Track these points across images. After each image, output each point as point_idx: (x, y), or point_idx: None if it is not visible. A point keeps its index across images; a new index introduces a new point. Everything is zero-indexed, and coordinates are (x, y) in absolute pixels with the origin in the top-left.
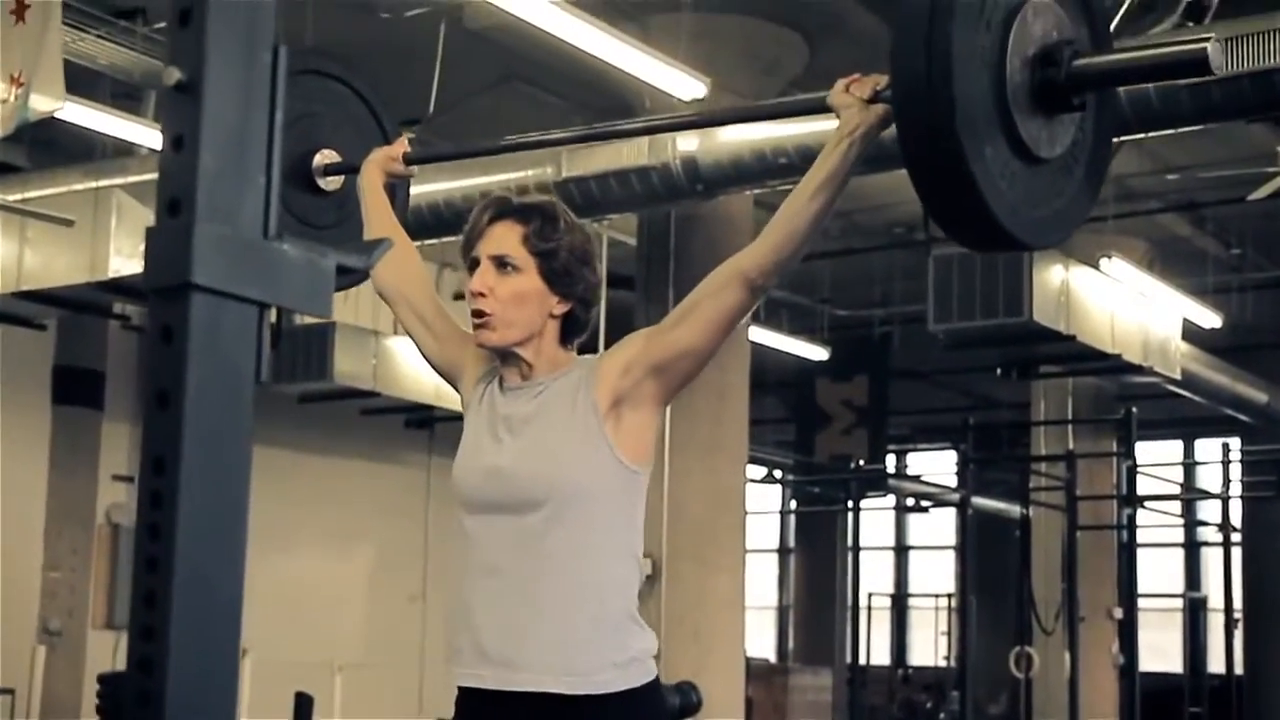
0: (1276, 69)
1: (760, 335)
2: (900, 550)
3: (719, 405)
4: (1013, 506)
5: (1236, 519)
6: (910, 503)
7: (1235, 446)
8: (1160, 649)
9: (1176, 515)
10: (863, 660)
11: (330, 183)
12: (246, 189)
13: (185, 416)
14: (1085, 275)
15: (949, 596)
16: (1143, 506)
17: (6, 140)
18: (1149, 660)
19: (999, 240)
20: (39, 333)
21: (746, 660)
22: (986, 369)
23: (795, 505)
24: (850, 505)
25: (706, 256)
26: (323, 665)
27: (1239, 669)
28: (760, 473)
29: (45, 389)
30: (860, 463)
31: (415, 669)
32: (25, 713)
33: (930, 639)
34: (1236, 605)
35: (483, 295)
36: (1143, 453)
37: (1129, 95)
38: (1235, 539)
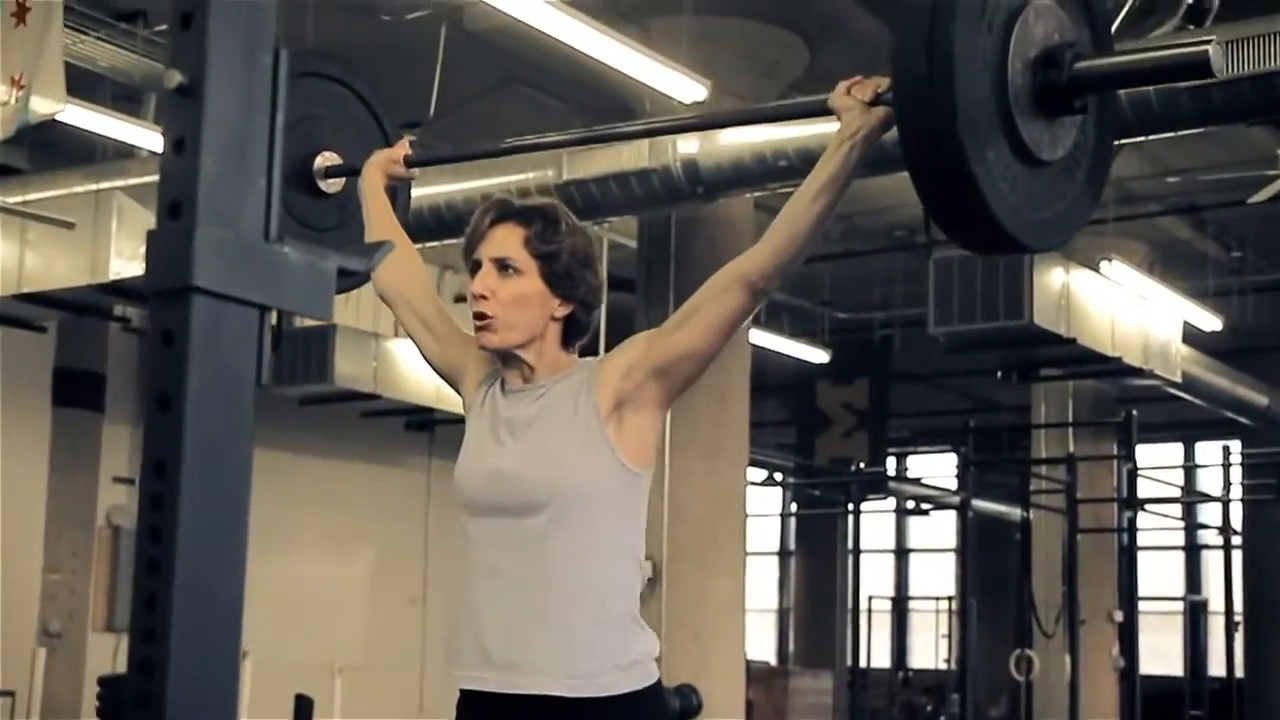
0: (1277, 72)
1: (761, 338)
2: (901, 553)
3: (719, 408)
4: (1013, 509)
5: (1237, 522)
6: (911, 505)
7: (1236, 449)
8: (1161, 652)
9: (1177, 518)
10: (863, 663)
11: (331, 185)
12: (247, 192)
13: (186, 419)
14: (1086, 278)
15: (949, 599)
16: (1143, 509)
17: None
18: (1149, 663)
19: (1000, 243)
20: (39, 335)
21: (747, 663)
22: (987, 372)
23: (796, 508)
24: (851, 508)
25: (707, 259)
26: (323, 667)
27: (1239, 672)
28: (761, 475)
29: (46, 391)
30: (861, 465)
31: (415, 671)
32: (25, 715)
33: (931, 642)
34: (1237, 608)
35: (484, 298)
36: (1143, 455)
37: (1130, 98)
38: (1236, 542)
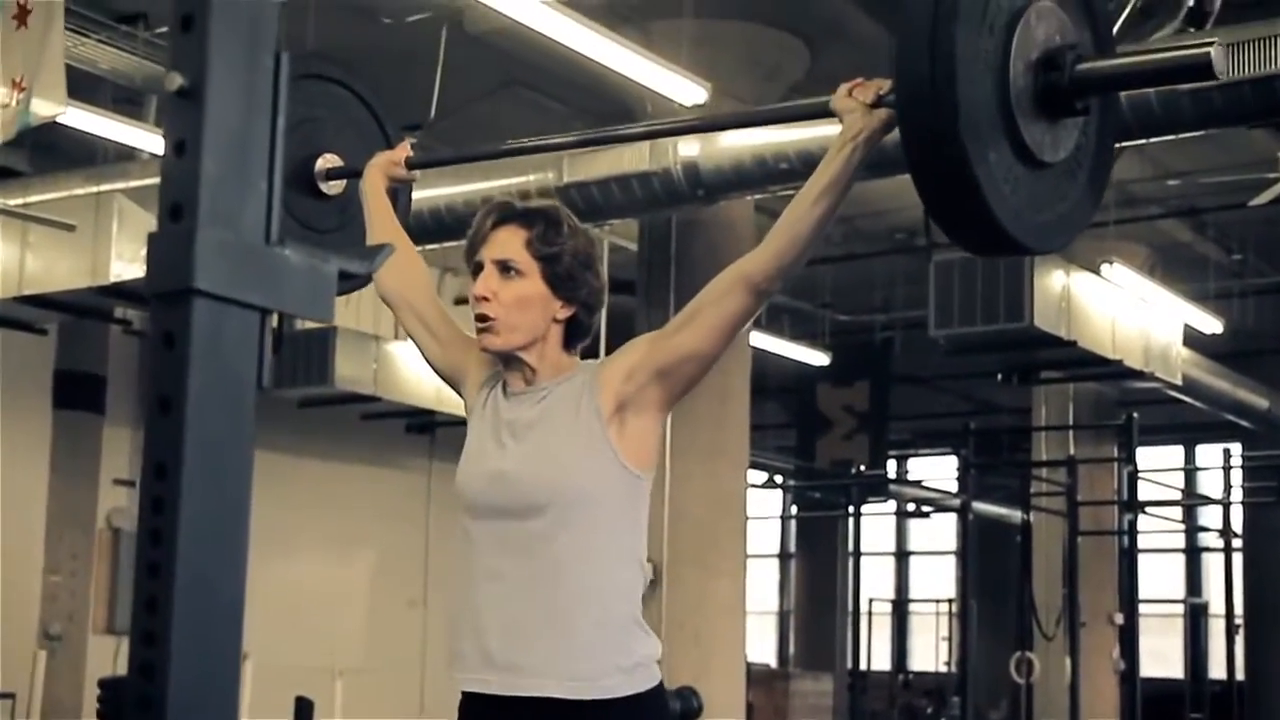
0: (1278, 75)
1: (761, 340)
2: (901, 555)
3: (720, 410)
4: (1014, 512)
5: (1238, 524)
6: (911, 508)
7: (1236, 452)
8: (1161, 654)
9: (1177, 521)
10: (863, 665)
11: (332, 187)
12: (248, 194)
13: (187, 422)
14: (1086, 281)
15: (950, 602)
16: (1144, 512)
17: (8, 145)
18: (1150, 666)
19: (1002, 244)
20: (40, 337)
21: (747, 665)
22: (987, 374)
23: (796, 510)
24: (851, 510)
25: (708, 262)
26: (323, 670)
27: (1240, 674)
28: (761, 478)
29: (46, 393)
30: (861, 468)
31: (416, 674)
32: (25, 717)
33: (931, 644)
34: (1237, 611)
35: (486, 299)
36: (1144, 458)
37: (1130, 101)
38: (1236, 544)
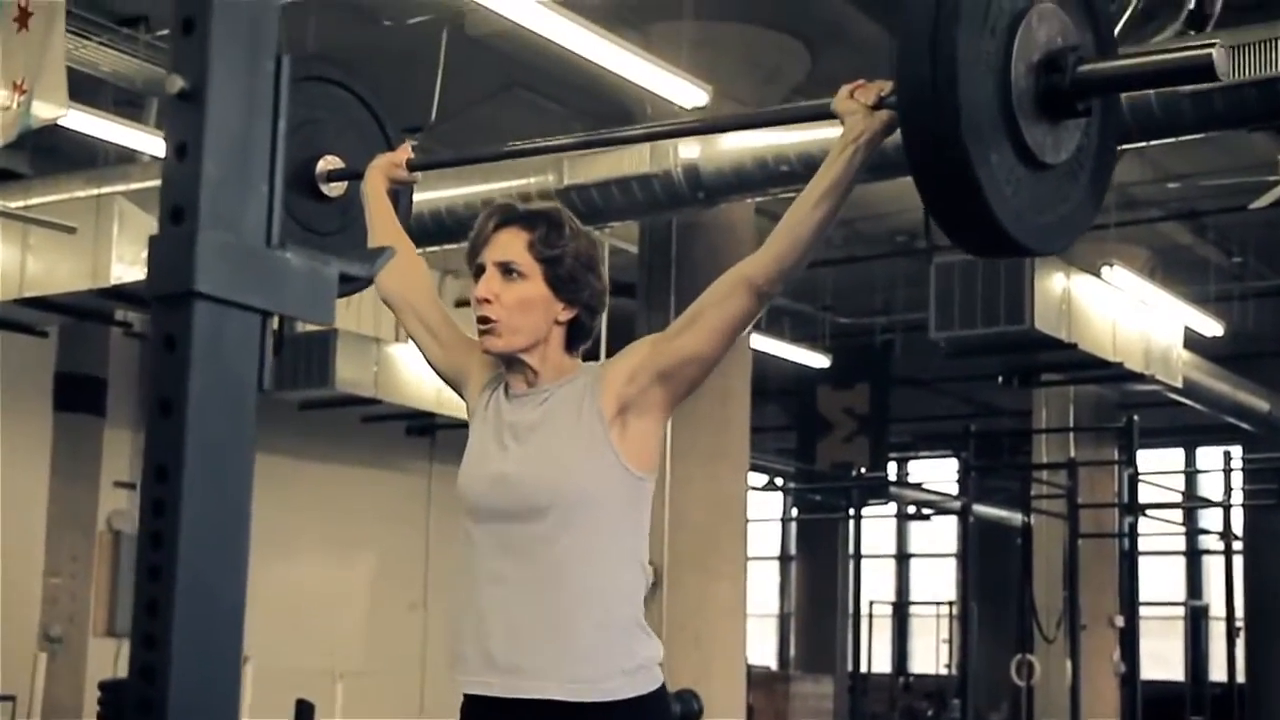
0: (1278, 77)
1: (762, 343)
2: (901, 558)
3: (720, 412)
4: (1014, 514)
5: (1238, 527)
6: (911, 510)
7: (1237, 455)
8: (1162, 657)
9: (1178, 523)
10: (864, 668)
11: (334, 188)
12: (249, 197)
13: (188, 425)
14: (1087, 283)
15: (950, 604)
16: (1144, 514)
17: (9, 147)
18: (1150, 668)
19: (1004, 246)
20: (41, 339)
21: (748, 668)
22: (988, 377)
23: (796, 513)
24: (851, 513)
25: (708, 264)
26: (324, 672)
27: (1241, 677)
28: (761, 480)
29: (47, 395)
30: (861, 470)
31: (416, 676)
32: (26, 719)
33: (931, 647)
34: (1238, 613)
35: (488, 301)
36: (1144, 461)
37: (1131, 103)
38: (1237, 547)
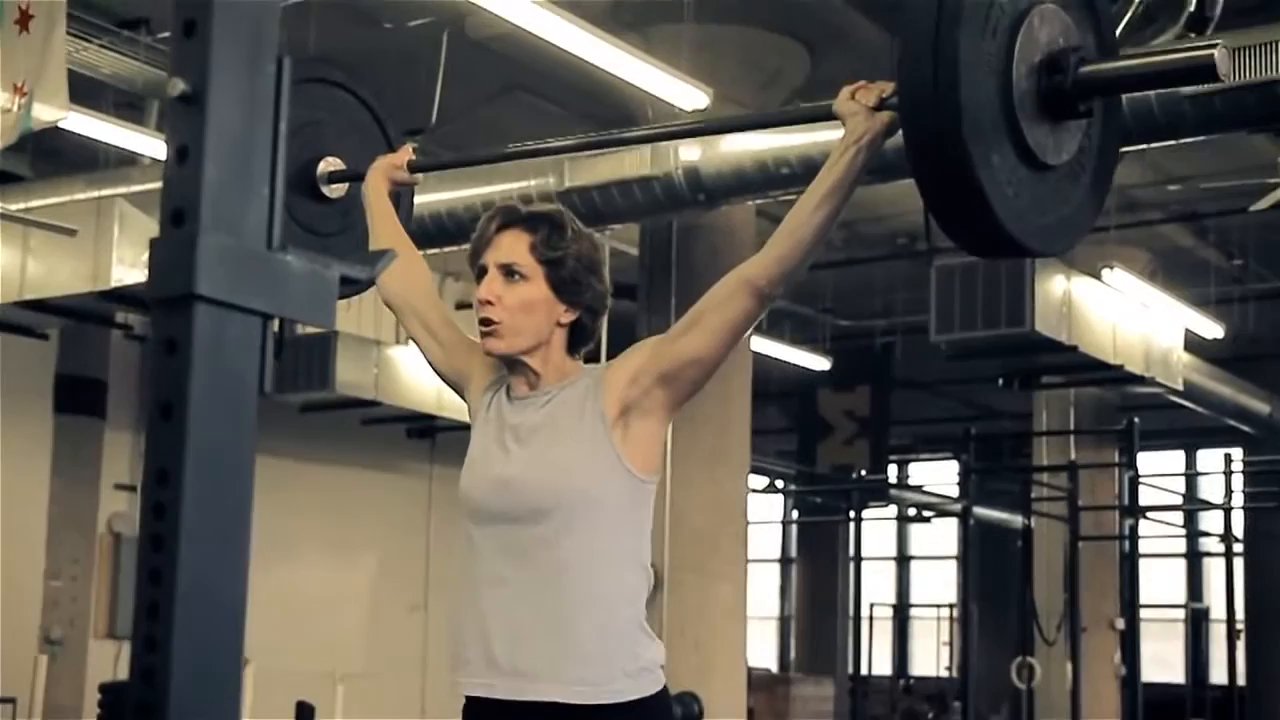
0: (1278, 80)
1: (762, 345)
2: (902, 560)
3: (721, 415)
4: (1014, 517)
5: (1239, 529)
6: (912, 513)
7: (1237, 457)
8: (1163, 659)
9: (1178, 526)
10: (864, 670)
11: (335, 190)
12: (251, 200)
13: (189, 427)
14: (1087, 286)
15: (951, 607)
16: (1145, 517)
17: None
18: (1151, 671)
19: (1005, 247)
20: (41, 342)
21: (748, 670)
22: (988, 379)
23: (797, 515)
24: (852, 515)
25: (708, 266)
26: (324, 675)
27: (1241, 679)
28: (762, 483)
29: (47, 398)
30: (862, 473)
31: (417, 678)
32: None
33: (932, 649)
34: (1239, 616)
35: (490, 303)
36: (1145, 463)
37: (1131, 105)
38: (1237, 549)
